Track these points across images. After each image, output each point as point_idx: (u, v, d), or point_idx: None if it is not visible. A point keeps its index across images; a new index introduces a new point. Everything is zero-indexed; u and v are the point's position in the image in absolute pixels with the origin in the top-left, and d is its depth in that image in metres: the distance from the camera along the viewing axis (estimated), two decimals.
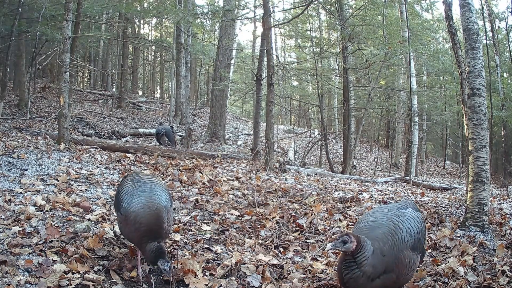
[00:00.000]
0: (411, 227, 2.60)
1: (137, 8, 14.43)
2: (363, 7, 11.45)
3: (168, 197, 3.11)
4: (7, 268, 2.77)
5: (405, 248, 2.50)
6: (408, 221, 2.64)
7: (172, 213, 3.17)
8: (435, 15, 22.05)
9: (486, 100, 4.21)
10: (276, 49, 22.47)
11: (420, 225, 2.67)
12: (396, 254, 2.46)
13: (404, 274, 2.52)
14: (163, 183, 3.35)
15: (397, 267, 2.45)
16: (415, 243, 2.56)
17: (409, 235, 2.55)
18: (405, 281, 2.62)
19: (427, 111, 18.94)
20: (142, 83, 29.92)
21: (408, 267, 2.52)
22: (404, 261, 2.47)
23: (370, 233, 2.55)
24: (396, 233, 2.54)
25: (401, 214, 2.70)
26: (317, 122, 21.38)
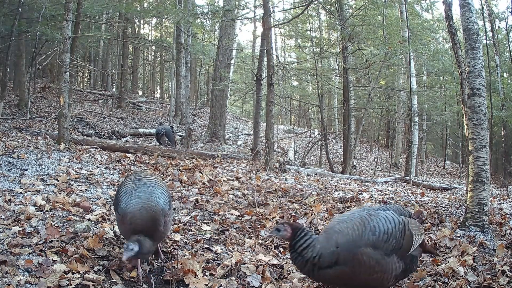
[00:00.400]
0: (378, 226, 2.53)
1: (137, 8, 14.43)
2: (363, 7, 11.45)
3: (167, 200, 3.11)
4: (7, 268, 2.77)
5: (364, 245, 2.45)
6: (378, 221, 2.57)
7: (171, 215, 3.16)
8: (435, 15, 22.05)
9: (486, 100, 4.21)
10: (276, 49, 22.47)
11: (392, 226, 2.57)
12: (352, 249, 2.43)
13: (364, 273, 2.44)
14: (164, 184, 3.30)
15: (352, 262, 2.42)
16: (380, 243, 2.48)
17: (371, 233, 2.49)
18: (372, 282, 2.51)
19: (427, 111, 18.94)
20: (142, 83, 29.92)
21: (369, 266, 2.43)
22: (361, 257, 2.42)
23: (335, 226, 2.62)
24: (358, 229, 2.52)
25: (375, 214, 2.65)
26: (317, 122, 21.38)
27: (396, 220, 2.63)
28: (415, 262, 2.73)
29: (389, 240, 2.51)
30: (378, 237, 2.49)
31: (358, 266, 2.43)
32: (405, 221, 2.66)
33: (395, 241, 2.53)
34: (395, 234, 2.55)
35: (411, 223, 2.75)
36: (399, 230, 2.58)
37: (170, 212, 3.14)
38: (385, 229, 2.54)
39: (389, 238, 2.52)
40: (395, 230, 2.56)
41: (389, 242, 2.51)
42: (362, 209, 2.88)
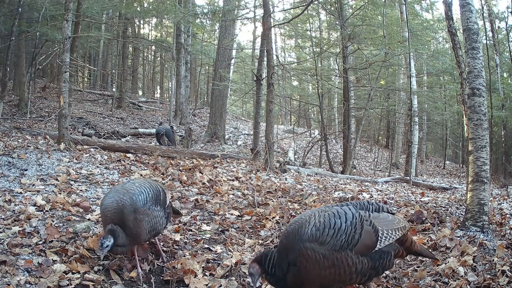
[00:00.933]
0: (323, 221, 2.46)
1: (137, 8, 14.42)
2: (363, 7, 11.45)
3: (148, 201, 3.06)
4: (7, 268, 2.77)
5: (307, 240, 2.40)
6: (325, 216, 2.50)
7: (153, 216, 3.09)
8: (435, 15, 22.05)
9: (486, 100, 4.21)
10: (276, 49, 22.48)
11: (341, 221, 2.48)
12: (295, 246, 2.41)
13: (314, 268, 2.38)
14: (155, 187, 3.22)
15: (299, 259, 2.39)
16: (325, 238, 2.41)
17: (315, 228, 2.43)
18: (328, 278, 2.43)
19: (427, 111, 18.94)
20: (142, 83, 29.91)
21: (316, 261, 2.37)
22: (305, 252, 2.38)
23: (287, 228, 2.62)
24: (302, 225, 2.48)
25: (327, 210, 2.59)
26: (317, 122, 21.38)
27: (349, 215, 2.53)
28: (387, 259, 2.60)
29: (337, 235, 2.43)
30: (322, 232, 2.43)
31: (306, 262, 2.38)
32: (363, 216, 2.55)
33: (346, 236, 2.44)
34: (345, 229, 2.46)
35: (378, 218, 2.63)
36: (351, 225, 2.48)
37: (150, 212, 3.06)
38: (332, 224, 2.46)
39: (335, 233, 2.43)
40: (345, 224, 2.47)
41: (336, 237, 2.43)
42: (320, 207, 2.83)
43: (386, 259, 2.59)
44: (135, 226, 2.95)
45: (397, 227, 2.65)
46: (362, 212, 2.59)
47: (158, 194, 3.21)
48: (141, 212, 3.01)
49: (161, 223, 3.19)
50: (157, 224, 3.13)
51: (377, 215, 2.65)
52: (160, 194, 3.25)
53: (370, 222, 2.54)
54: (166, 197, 3.35)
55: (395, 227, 2.63)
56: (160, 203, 3.21)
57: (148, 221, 3.04)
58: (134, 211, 2.96)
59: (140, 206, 3.01)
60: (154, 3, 16.12)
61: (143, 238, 3.07)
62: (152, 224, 3.08)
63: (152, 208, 3.09)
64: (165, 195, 3.33)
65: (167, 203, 3.36)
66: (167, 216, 3.36)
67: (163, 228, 3.30)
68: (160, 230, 3.25)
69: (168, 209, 3.41)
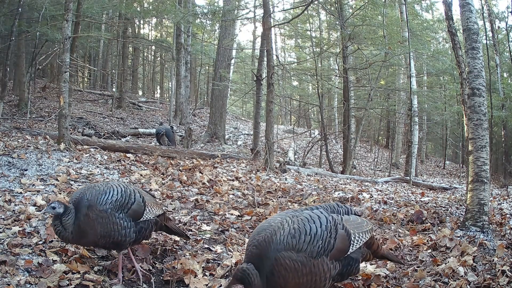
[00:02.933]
0: (298, 228, 2.37)
1: (137, 8, 14.42)
2: (363, 7, 11.45)
3: (111, 204, 2.86)
4: (7, 268, 2.77)
5: (283, 249, 2.31)
6: (299, 222, 2.41)
7: (110, 221, 2.85)
8: (435, 15, 22.05)
9: (486, 100, 4.21)
10: (276, 49, 22.47)
11: (316, 226, 2.41)
12: (271, 256, 2.31)
13: (292, 277, 2.31)
14: (132, 196, 2.99)
15: (277, 269, 2.30)
16: (302, 245, 2.33)
17: (291, 236, 2.34)
18: (304, 285, 2.36)
19: (427, 111, 18.94)
20: (142, 83, 29.91)
21: (295, 269, 2.30)
22: (284, 262, 2.29)
23: (254, 239, 2.47)
24: (275, 234, 2.37)
25: (298, 215, 2.49)
26: (317, 122, 21.38)
27: (323, 219, 2.45)
28: (356, 263, 2.56)
29: (313, 242, 2.35)
30: (298, 239, 2.33)
31: (284, 271, 2.30)
32: (336, 220, 2.49)
33: (322, 242, 2.37)
34: (321, 234, 2.38)
35: (349, 220, 2.58)
36: (326, 230, 2.40)
37: (107, 215, 2.84)
38: (307, 230, 2.37)
39: (312, 240, 2.35)
40: (320, 229, 2.39)
41: (313, 243, 2.34)
42: (288, 211, 2.69)
43: (355, 264, 2.55)
44: (83, 222, 2.80)
45: (366, 229, 2.62)
46: (335, 216, 2.54)
47: (128, 202, 2.94)
48: (95, 211, 2.81)
49: (122, 233, 2.89)
50: (114, 232, 2.86)
51: (348, 217, 2.62)
52: (132, 204, 2.96)
53: (343, 226, 2.49)
54: (143, 210, 3.03)
55: (364, 230, 2.60)
56: (126, 211, 2.92)
57: (102, 224, 2.82)
58: (88, 206, 2.82)
59: (96, 204, 2.83)
60: (154, 3, 16.14)
61: (91, 239, 2.87)
62: (108, 229, 2.84)
63: (111, 213, 2.85)
64: (141, 208, 3.01)
65: (144, 218, 3.04)
66: (140, 231, 3.02)
67: (127, 241, 2.94)
68: (120, 241, 2.92)
69: (146, 224, 3.07)
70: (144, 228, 3.06)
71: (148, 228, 3.10)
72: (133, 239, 2.99)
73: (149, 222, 3.10)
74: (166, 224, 3.31)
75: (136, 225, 2.99)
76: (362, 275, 3.25)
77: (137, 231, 3.00)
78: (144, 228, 3.06)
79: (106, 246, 3.01)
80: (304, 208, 2.70)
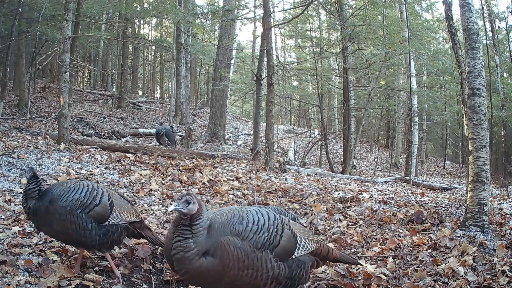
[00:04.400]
0: (246, 216, 2.34)
1: (137, 8, 14.43)
2: (363, 7, 11.45)
3: (71, 202, 2.83)
4: (7, 268, 2.77)
5: (229, 233, 2.25)
6: (247, 212, 2.39)
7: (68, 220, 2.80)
8: (435, 15, 22.04)
9: (486, 100, 4.21)
10: (276, 49, 22.47)
11: (264, 218, 2.38)
12: (217, 236, 2.22)
13: (233, 267, 2.20)
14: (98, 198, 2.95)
15: (220, 252, 2.20)
16: (247, 233, 2.27)
17: (238, 222, 2.30)
18: (244, 281, 2.27)
19: (427, 111, 18.94)
20: (142, 83, 29.91)
21: (237, 258, 2.21)
22: (228, 247, 2.20)
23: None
24: (226, 216, 2.33)
25: (245, 208, 2.48)
26: (317, 122, 21.38)
27: (271, 215, 2.45)
28: (305, 269, 2.51)
29: (259, 232, 2.32)
30: (246, 226, 2.30)
31: (227, 256, 2.20)
32: (284, 220, 2.48)
33: (268, 234, 2.34)
34: (268, 227, 2.36)
35: (296, 225, 2.58)
36: (273, 225, 2.39)
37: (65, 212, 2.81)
38: (255, 220, 2.35)
39: (259, 230, 2.32)
40: (268, 223, 2.38)
41: (259, 234, 2.31)
42: (234, 206, 2.71)
43: (303, 269, 2.50)
44: (43, 213, 2.81)
45: (313, 239, 2.62)
46: (283, 216, 2.54)
47: (90, 203, 2.88)
48: (55, 206, 2.80)
49: (80, 233, 2.83)
50: (71, 231, 2.81)
51: (294, 223, 2.61)
52: (95, 205, 2.90)
53: (289, 227, 2.48)
54: (109, 214, 2.96)
55: (311, 238, 2.60)
56: (88, 212, 2.85)
57: (59, 220, 2.79)
58: (50, 200, 2.82)
59: (58, 200, 2.81)
60: (154, 3, 16.13)
61: (51, 233, 2.92)
62: (65, 227, 2.80)
63: (70, 211, 2.80)
64: (107, 211, 2.95)
65: (110, 222, 2.97)
66: (106, 235, 2.94)
67: (89, 242, 2.88)
68: (82, 241, 2.88)
69: (114, 229, 2.99)
70: (111, 232, 2.98)
71: (116, 232, 3.01)
72: (98, 242, 2.92)
73: (118, 227, 3.02)
74: (141, 233, 3.22)
75: (100, 228, 2.92)
76: (363, 273, 3.25)
77: (102, 234, 2.92)
78: (112, 232, 2.98)
79: (69, 242, 3.03)
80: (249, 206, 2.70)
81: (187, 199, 2.17)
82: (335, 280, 3.19)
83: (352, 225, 4.75)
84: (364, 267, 3.36)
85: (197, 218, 2.19)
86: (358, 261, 3.20)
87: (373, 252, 3.84)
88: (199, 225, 2.19)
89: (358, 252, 3.89)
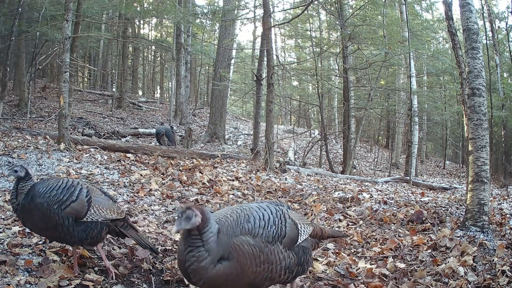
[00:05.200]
0: (251, 214, 2.39)
1: (137, 8, 14.42)
2: (363, 7, 11.45)
3: (48, 197, 2.83)
4: (7, 268, 2.77)
5: (240, 233, 2.28)
6: (250, 209, 2.43)
7: (45, 215, 2.80)
8: (435, 15, 22.05)
9: (486, 100, 4.21)
10: (276, 49, 22.47)
11: (267, 213, 2.44)
12: (229, 239, 2.24)
13: (251, 264, 2.24)
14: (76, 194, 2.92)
15: (235, 253, 2.21)
16: (257, 230, 2.32)
17: (246, 221, 2.33)
18: (261, 276, 2.31)
19: (427, 111, 18.94)
20: (142, 83, 29.92)
21: (253, 255, 2.25)
22: (242, 247, 2.23)
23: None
24: (231, 217, 2.35)
25: (246, 206, 2.51)
26: (317, 122, 21.38)
27: (272, 208, 2.52)
28: (309, 254, 2.62)
29: (267, 226, 2.37)
30: (254, 224, 2.34)
31: (243, 256, 2.23)
32: (283, 210, 2.57)
33: (275, 227, 2.40)
34: (274, 220, 2.42)
35: (292, 213, 2.66)
36: (277, 217, 2.46)
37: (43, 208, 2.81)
38: (260, 216, 2.40)
39: (267, 225, 2.38)
40: (272, 216, 2.44)
41: (268, 228, 2.37)
42: (233, 206, 2.71)
43: (308, 254, 2.61)
44: (27, 208, 2.84)
45: (308, 222, 2.73)
46: (280, 207, 2.62)
47: (67, 200, 2.86)
48: (35, 201, 2.81)
49: (59, 229, 2.83)
50: (50, 226, 2.83)
51: (290, 211, 2.70)
52: (72, 202, 2.88)
53: (289, 216, 2.56)
54: (87, 210, 2.93)
55: (307, 222, 2.71)
56: (64, 208, 2.84)
57: (38, 216, 2.81)
58: (32, 195, 2.83)
59: (37, 195, 2.83)
60: (154, 3, 16.14)
61: (34, 229, 2.97)
62: (45, 222, 2.82)
63: (47, 207, 2.81)
64: (84, 208, 2.92)
65: (88, 218, 2.94)
66: (85, 231, 2.92)
67: (69, 239, 2.89)
68: (64, 238, 2.89)
69: (93, 225, 2.96)
70: (90, 228, 2.96)
71: (96, 229, 2.99)
72: (77, 238, 2.91)
73: (97, 224, 3.00)
74: (123, 231, 3.17)
75: (78, 224, 2.91)
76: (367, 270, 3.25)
77: (80, 230, 2.91)
78: (91, 229, 2.96)
79: (52, 238, 3.07)
80: (247, 203, 2.73)
81: (187, 215, 2.11)
82: (335, 280, 3.19)
83: (352, 225, 4.75)
84: (364, 267, 3.37)
85: (204, 226, 2.17)
86: (346, 234, 3.32)
87: (373, 252, 3.84)
88: (208, 232, 2.17)
89: (358, 252, 3.89)
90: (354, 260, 3.60)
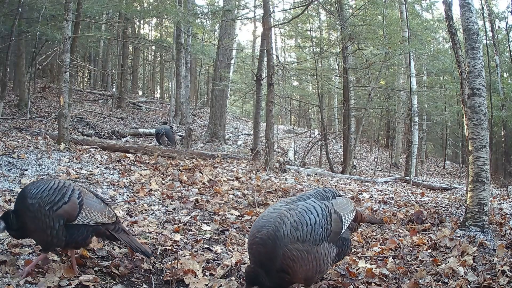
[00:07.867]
0: (299, 220, 2.48)
1: (137, 8, 14.43)
2: (363, 7, 11.46)
3: (39, 199, 2.74)
4: (7, 268, 2.76)
5: (289, 242, 2.42)
6: (298, 214, 2.52)
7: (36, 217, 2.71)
8: (435, 15, 22.06)
9: (486, 100, 4.21)
10: (276, 49, 22.47)
11: (314, 216, 2.53)
12: (279, 251, 2.40)
13: (301, 266, 2.45)
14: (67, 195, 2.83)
15: (286, 262, 2.41)
16: (305, 236, 2.45)
17: (294, 229, 2.45)
18: (311, 271, 2.51)
19: (427, 111, 18.94)
20: (142, 83, 29.91)
21: (302, 259, 2.44)
22: (291, 254, 2.41)
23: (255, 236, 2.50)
24: (278, 229, 2.45)
25: (294, 207, 2.59)
26: (317, 122, 21.38)
27: (319, 209, 2.59)
28: (348, 244, 2.77)
29: (315, 231, 2.49)
30: (302, 231, 2.46)
31: (293, 263, 2.42)
32: (328, 206, 2.65)
33: (322, 229, 2.52)
34: (320, 223, 2.53)
35: (336, 204, 2.73)
36: (323, 218, 2.56)
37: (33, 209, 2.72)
38: (308, 221, 2.49)
39: (314, 229, 2.49)
40: (319, 219, 2.53)
41: (315, 232, 2.49)
42: (281, 203, 2.74)
43: (348, 240, 2.78)
44: (19, 214, 2.76)
45: (351, 208, 2.83)
46: (326, 202, 2.70)
47: (58, 201, 2.78)
48: (26, 202, 2.73)
49: (47, 232, 2.73)
50: (39, 229, 2.73)
51: (336, 201, 2.79)
52: (64, 203, 2.79)
53: (334, 211, 2.66)
54: (78, 213, 2.84)
55: (350, 209, 2.81)
56: (56, 210, 2.74)
57: (30, 218, 2.72)
58: (23, 197, 2.76)
59: (28, 197, 2.74)
60: (154, 3, 16.14)
61: (26, 232, 2.83)
62: (34, 224, 2.72)
63: (38, 209, 2.72)
64: (75, 210, 2.83)
65: (80, 221, 2.85)
66: (73, 235, 2.82)
67: (54, 242, 2.79)
68: (46, 240, 2.78)
69: (84, 228, 2.88)
70: (79, 232, 2.87)
71: (84, 233, 2.90)
72: (64, 242, 2.82)
73: (87, 228, 2.91)
74: (114, 235, 3.07)
75: (67, 227, 2.82)
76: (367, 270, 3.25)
77: (68, 234, 2.81)
78: (80, 232, 2.87)
79: (40, 243, 2.89)
80: (296, 198, 2.77)
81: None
82: (335, 280, 3.19)
83: None
84: (364, 266, 3.37)
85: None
86: (382, 221, 3.55)
87: (373, 252, 3.84)
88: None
89: (358, 252, 3.89)
90: (354, 260, 3.60)
